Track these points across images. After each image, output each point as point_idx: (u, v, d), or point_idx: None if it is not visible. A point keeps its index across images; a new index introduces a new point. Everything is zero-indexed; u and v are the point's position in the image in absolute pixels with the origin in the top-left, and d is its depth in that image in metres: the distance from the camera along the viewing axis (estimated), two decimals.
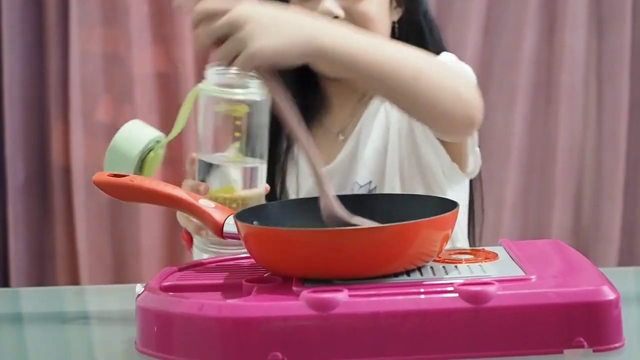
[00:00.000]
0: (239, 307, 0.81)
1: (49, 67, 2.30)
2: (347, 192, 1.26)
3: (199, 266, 0.99)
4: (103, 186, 0.99)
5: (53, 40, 2.28)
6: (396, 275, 0.85)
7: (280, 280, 0.87)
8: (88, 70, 2.28)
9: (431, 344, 0.78)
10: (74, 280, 2.33)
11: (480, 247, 0.96)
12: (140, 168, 1.07)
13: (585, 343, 0.78)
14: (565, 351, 0.78)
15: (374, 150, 1.26)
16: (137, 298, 0.87)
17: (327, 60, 0.93)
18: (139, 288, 0.90)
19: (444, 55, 1.24)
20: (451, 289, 0.80)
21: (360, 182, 1.26)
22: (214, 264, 1.00)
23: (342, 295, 0.79)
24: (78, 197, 2.29)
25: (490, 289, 0.79)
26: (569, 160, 2.33)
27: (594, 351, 0.78)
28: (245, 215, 0.94)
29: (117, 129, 2.48)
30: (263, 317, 0.79)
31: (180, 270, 0.97)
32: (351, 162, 1.28)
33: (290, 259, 0.85)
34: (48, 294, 1.27)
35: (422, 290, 0.80)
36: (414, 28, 1.30)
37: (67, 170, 2.31)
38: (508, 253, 0.93)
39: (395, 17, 1.29)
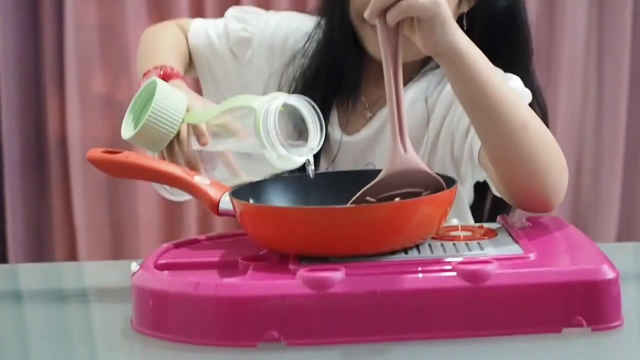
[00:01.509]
0: (235, 286, 0.80)
1: (43, 39, 2.27)
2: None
3: (194, 243, 0.98)
4: (97, 163, 0.98)
5: (47, 12, 2.26)
6: (393, 253, 0.84)
7: (276, 258, 0.86)
8: (83, 43, 2.26)
9: (429, 323, 0.78)
10: (72, 253, 2.33)
11: (479, 224, 0.96)
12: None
13: (584, 322, 0.77)
14: (564, 330, 0.78)
15: None
16: (132, 276, 0.86)
17: (455, 63, 0.88)
18: (135, 266, 0.89)
19: (511, 77, 1.12)
20: (449, 267, 0.79)
21: (377, 165, 1.18)
22: (210, 241, 0.99)
23: (338, 274, 0.78)
24: (75, 170, 2.29)
25: (489, 267, 0.78)
26: (569, 133, 2.32)
27: (592, 330, 0.78)
28: (241, 192, 0.93)
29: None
30: (259, 296, 0.78)
31: (176, 247, 0.96)
32: (373, 142, 1.20)
33: (286, 237, 0.84)
34: (45, 270, 1.26)
35: (419, 268, 0.80)
36: (484, 24, 1.13)
37: (63, 144, 2.30)
38: (507, 230, 0.93)
39: (465, 8, 1.14)
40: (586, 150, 2.35)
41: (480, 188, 1.24)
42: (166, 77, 1.13)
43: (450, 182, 0.88)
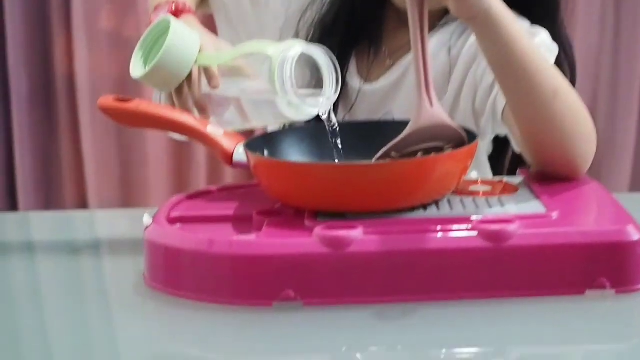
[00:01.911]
0: (250, 243, 0.78)
1: None
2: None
3: (207, 194, 0.96)
4: (108, 111, 0.96)
5: None
6: (412, 209, 0.82)
7: (291, 212, 0.84)
8: None
9: (449, 284, 0.76)
10: (81, 189, 2.32)
11: (499, 178, 0.93)
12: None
13: (607, 284, 0.76)
14: (587, 292, 0.76)
15: None
16: (145, 230, 0.85)
17: (488, 28, 0.86)
18: (147, 218, 0.87)
19: (539, 31, 1.10)
20: (470, 226, 0.77)
21: (396, 114, 1.15)
22: (223, 192, 0.97)
23: (356, 233, 0.76)
24: (83, 106, 2.26)
25: (511, 227, 0.76)
26: (584, 70, 2.27)
27: (616, 292, 0.76)
28: (256, 143, 0.91)
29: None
30: (275, 255, 0.76)
31: (188, 198, 0.94)
32: (392, 90, 1.16)
33: (302, 193, 0.82)
34: (57, 220, 1.25)
35: (439, 227, 0.77)
36: None
37: (71, 80, 2.27)
38: (528, 185, 0.90)
39: None
40: (602, 88, 2.30)
41: (501, 141, 1.21)
42: (177, 12, 1.09)
43: (471, 135, 0.85)
